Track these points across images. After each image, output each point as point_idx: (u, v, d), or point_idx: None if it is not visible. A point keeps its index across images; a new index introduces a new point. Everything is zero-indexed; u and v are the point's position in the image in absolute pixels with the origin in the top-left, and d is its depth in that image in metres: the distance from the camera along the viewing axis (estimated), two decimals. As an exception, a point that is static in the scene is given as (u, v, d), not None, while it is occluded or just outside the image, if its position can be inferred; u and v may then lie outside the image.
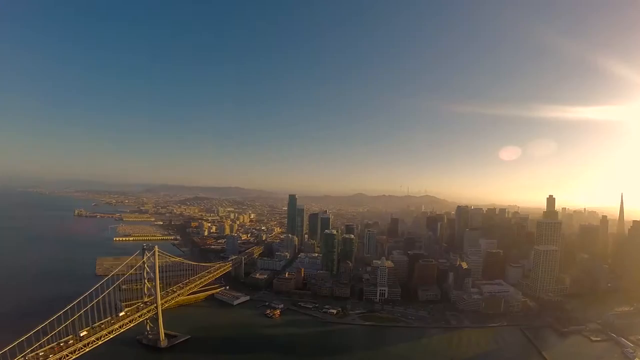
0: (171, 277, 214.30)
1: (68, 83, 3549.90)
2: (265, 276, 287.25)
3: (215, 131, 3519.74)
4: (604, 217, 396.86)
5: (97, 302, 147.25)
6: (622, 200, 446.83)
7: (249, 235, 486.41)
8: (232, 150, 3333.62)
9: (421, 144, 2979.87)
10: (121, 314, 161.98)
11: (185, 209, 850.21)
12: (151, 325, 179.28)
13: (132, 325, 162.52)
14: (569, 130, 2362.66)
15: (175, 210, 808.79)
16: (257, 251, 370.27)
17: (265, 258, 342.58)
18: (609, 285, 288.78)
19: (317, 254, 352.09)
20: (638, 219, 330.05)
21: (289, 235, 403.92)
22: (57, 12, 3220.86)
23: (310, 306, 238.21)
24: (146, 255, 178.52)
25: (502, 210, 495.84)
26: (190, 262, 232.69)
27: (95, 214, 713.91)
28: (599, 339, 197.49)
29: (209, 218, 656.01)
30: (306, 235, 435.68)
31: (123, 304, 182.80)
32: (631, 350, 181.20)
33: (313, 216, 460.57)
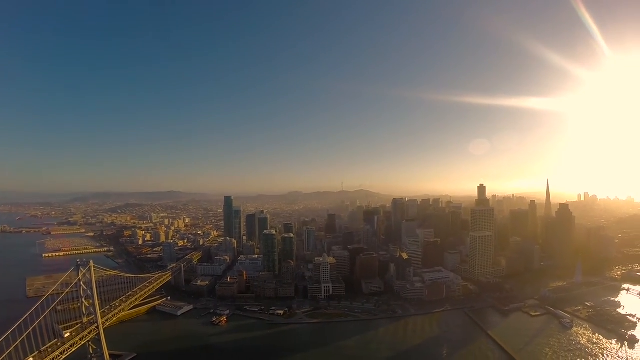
0: (110, 292, 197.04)
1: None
2: (207, 282, 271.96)
3: (143, 136, 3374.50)
4: (532, 201, 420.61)
5: (34, 329, 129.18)
6: (547, 185, 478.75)
7: (185, 241, 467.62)
8: (161, 155, 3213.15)
9: (353, 140, 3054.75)
10: (66, 336, 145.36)
11: (116, 217, 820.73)
12: (94, 347, 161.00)
13: (74, 350, 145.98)
14: (501, 120, 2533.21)
15: (106, 220, 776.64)
16: (195, 257, 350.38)
17: (205, 264, 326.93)
18: (542, 264, 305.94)
19: (257, 256, 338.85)
20: (564, 202, 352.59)
21: (227, 238, 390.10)
22: None
23: (257, 309, 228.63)
24: (81, 271, 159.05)
25: (436, 201, 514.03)
26: (128, 275, 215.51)
27: (20, 229, 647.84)
28: (538, 313, 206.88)
29: (143, 225, 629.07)
30: (244, 237, 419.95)
31: (61, 327, 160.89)
32: (568, 321, 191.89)
33: (250, 217, 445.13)
